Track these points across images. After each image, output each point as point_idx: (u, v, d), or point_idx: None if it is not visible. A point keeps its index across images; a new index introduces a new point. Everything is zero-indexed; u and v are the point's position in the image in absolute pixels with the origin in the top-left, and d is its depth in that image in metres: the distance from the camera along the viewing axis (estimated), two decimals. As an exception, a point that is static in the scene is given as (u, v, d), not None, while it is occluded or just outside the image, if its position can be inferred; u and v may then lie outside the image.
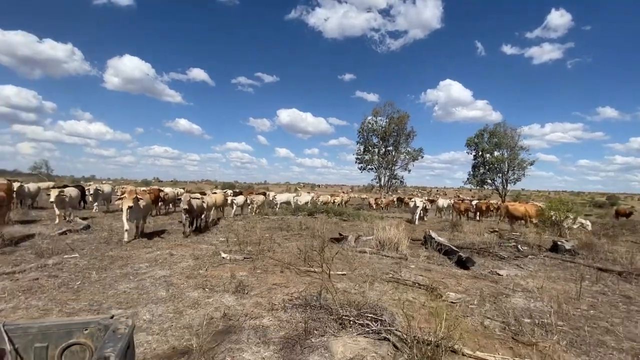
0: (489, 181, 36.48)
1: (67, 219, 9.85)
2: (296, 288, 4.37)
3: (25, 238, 6.94)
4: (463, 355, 2.62)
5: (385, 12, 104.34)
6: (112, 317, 1.65)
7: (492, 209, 17.89)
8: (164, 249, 6.63)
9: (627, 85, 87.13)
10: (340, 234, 8.72)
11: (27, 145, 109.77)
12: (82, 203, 12.70)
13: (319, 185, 79.82)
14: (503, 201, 27.24)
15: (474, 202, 19.72)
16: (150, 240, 7.47)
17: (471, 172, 37.54)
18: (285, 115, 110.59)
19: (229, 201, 13.42)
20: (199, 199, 9.23)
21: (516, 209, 12.37)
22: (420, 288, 4.56)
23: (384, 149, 30.85)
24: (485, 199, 26.46)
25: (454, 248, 6.83)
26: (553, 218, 10.84)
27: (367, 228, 10.19)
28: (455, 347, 2.60)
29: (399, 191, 33.02)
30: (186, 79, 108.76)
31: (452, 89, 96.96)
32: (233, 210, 13.01)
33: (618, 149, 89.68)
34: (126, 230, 7.26)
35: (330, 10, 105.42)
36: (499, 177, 35.84)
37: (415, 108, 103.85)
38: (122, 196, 8.08)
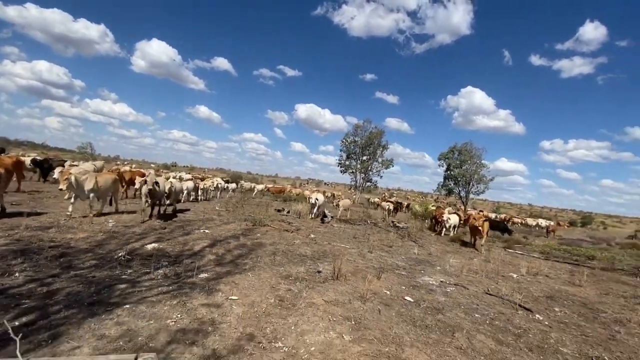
0: (455, 191, 43.15)
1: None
2: (239, 216, 11.56)
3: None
4: (269, 226, 9.83)
5: (414, 14, 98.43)
6: (136, 358, 1.71)
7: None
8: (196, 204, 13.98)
9: (662, 107, 74.21)
10: (282, 208, 15.88)
11: (55, 119, 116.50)
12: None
13: (326, 183, 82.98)
14: (465, 209, 34.20)
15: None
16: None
17: (441, 182, 44.32)
18: (304, 110, 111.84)
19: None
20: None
21: (383, 206, 20.15)
22: (291, 224, 11.68)
23: (362, 158, 37.80)
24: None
25: (328, 215, 13.82)
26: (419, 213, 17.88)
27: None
28: (267, 223, 9.82)
29: (386, 194, 39.72)
30: (210, 67, 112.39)
31: (473, 97, 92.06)
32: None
33: (646, 172, 76.35)
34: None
35: (358, 9, 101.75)
36: (464, 188, 42.42)
37: (435, 113, 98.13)
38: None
